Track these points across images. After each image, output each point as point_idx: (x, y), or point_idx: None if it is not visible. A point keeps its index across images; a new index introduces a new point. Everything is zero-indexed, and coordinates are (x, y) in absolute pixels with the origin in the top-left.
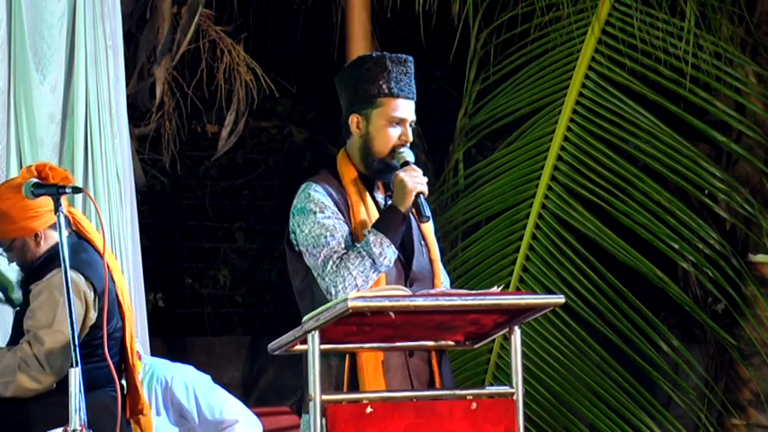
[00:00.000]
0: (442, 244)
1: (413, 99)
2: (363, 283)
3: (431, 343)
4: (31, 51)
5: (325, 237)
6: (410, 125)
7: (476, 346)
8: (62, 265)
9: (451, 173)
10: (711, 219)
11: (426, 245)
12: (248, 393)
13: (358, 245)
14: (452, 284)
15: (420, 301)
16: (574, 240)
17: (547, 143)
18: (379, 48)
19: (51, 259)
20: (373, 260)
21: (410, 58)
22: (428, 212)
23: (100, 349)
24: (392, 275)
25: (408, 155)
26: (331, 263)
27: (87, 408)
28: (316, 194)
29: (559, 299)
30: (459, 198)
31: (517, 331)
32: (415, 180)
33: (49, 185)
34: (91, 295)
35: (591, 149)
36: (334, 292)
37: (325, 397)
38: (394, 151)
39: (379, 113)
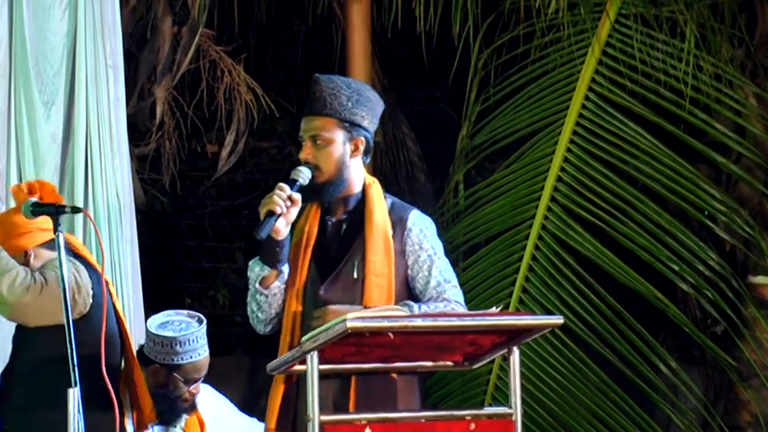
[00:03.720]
0: None
1: (313, 114)
2: (257, 308)
3: (429, 363)
4: (33, 72)
5: None
6: (312, 141)
7: (474, 366)
8: (60, 283)
9: (452, 194)
10: (711, 240)
11: (365, 269)
12: (247, 414)
13: None
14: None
15: (418, 322)
16: (573, 261)
17: (547, 164)
18: (380, 68)
19: (45, 266)
20: (252, 284)
21: (316, 77)
22: (262, 233)
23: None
24: (309, 300)
25: (296, 172)
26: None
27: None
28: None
29: (558, 320)
30: (459, 219)
31: (516, 352)
32: (265, 200)
33: (47, 205)
34: (88, 284)
35: (591, 170)
36: None
37: (323, 418)
38: None
39: None
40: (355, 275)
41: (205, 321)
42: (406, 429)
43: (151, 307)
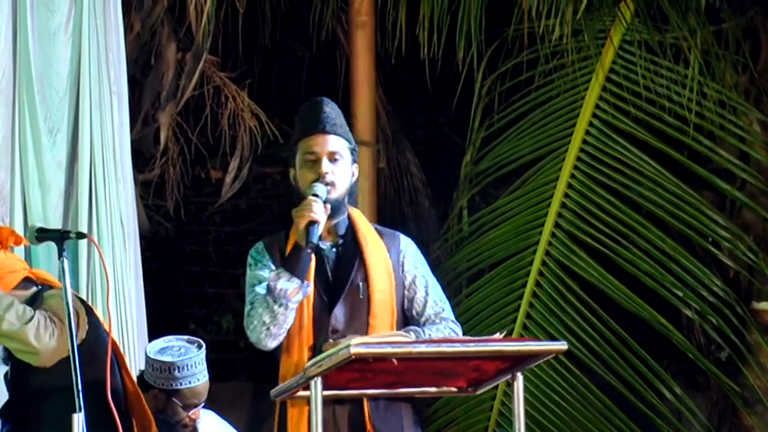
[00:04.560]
0: (445, 292)
1: (329, 132)
2: (271, 320)
3: (433, 389)
4: (38, 98)
5: (253, 285)
6: (330, 158)
7: (478, 392)
8: (66, 309)
9: (456, 220)
10: (715, 266)
11: (368, 287)
12: None
13: None
14: None
15: (422, 348)
16: (577, 287)
17: (551, 190)
18: (384, 94)
19: (43, 302)
20: (273, 294)
21: (322, 99)
22: (313, 239)
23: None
24: (319, 328)
25: (316, 189)
26: (249, 307)
27: None
28: (253, 251)
29: (562, 345)
30: (462, 245)
31: (520, 378)
32: (302, 210)
33: (53, 230)
34: (83, 309)
35: (595, 197)
36: (248, 334)
37: None
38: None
39: (298, 158)
40: (361, 296)
41: (204, 346)
42: None
43: (155, 332)
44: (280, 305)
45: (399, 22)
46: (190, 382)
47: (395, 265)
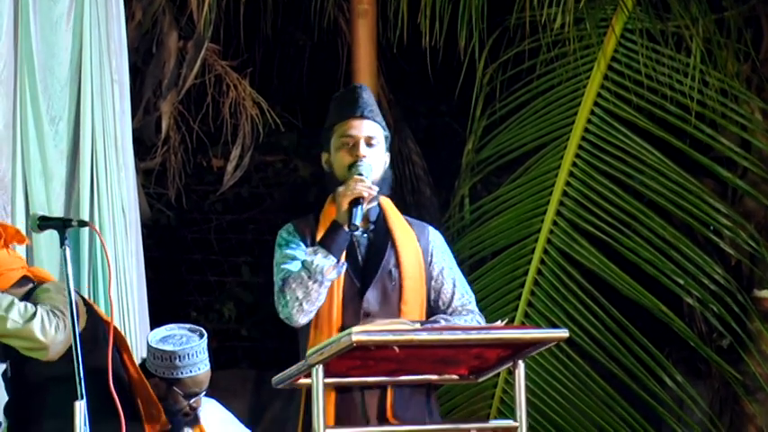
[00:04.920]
0: None
1: (367, 118)
2: (305, 296)
3: (434, 377)
4: (41, 86)
5: (284, 263)
6: (367, 142)
7: (479, 379)
8: (68, 297)
9: (457, 208)
10: (716, 254)
11: (400, 273)
12: (252, 428)
13: None
14: None
15: (424, 336)
16: (579, 275)
17: (552, 178)
18: (385, 83)
19: (37, 297)
20: (309, 270)
21: (360, 85)
22: (356, 221)
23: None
24: (349, 311)
25: (362, 168)
26: (280, 283)
27: None
28: (284, 232)
29: (563, 333)
30: (464, 233)
31: (521, 365)
32: (348, 188)
33: (55, 219)
34: (80, 299)
35: (596, 185)
36: (279, 310)
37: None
38: (351, 170)
39: (334, 141)
40: (392, 282)
41: (206, 335)
42: None
43: (156, 320)
44: (314, 281)
45: (401, 10)
46: (191, 371)
47: (424, 254)
